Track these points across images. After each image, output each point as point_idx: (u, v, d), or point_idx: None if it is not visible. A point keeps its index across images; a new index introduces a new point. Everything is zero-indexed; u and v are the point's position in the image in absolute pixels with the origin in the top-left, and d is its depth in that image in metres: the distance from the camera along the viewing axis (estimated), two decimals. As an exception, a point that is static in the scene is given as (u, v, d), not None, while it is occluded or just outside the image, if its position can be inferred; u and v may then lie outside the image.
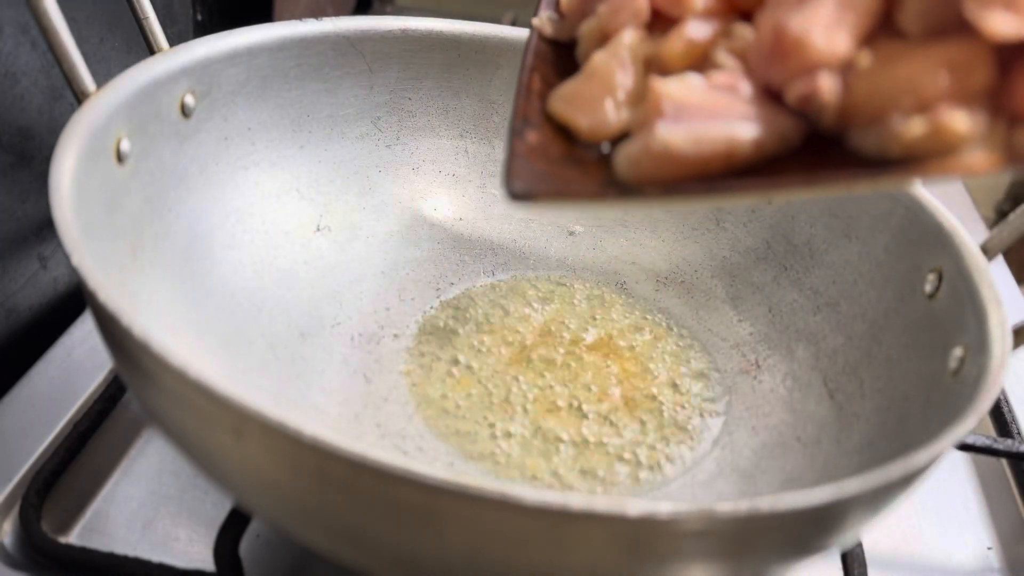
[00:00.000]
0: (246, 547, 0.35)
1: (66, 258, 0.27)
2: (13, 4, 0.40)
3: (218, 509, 0.37)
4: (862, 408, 0.36)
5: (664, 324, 0.45)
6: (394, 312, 0.43)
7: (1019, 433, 0.45)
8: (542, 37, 0.34)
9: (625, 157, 0.27)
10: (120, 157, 0.34)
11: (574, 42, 0.33)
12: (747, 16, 0.29)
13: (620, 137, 0.28)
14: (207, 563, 0.34)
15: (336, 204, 0.45)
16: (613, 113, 0.29)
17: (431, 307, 0.44)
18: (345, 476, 0.23)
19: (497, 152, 0.49)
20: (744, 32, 0.28)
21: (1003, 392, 0.47)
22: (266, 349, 0.38)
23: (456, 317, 0.44)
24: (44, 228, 0.45)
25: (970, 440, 0.41)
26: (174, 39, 0.38)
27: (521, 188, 0.26)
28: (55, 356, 0.43)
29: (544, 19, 0.34)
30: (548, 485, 0.35)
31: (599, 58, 0.30)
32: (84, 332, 0.45)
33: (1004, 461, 0.45)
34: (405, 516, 0.23)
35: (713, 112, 0.26)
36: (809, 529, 0.25)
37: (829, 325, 0.41)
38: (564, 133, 0.29)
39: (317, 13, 0.76)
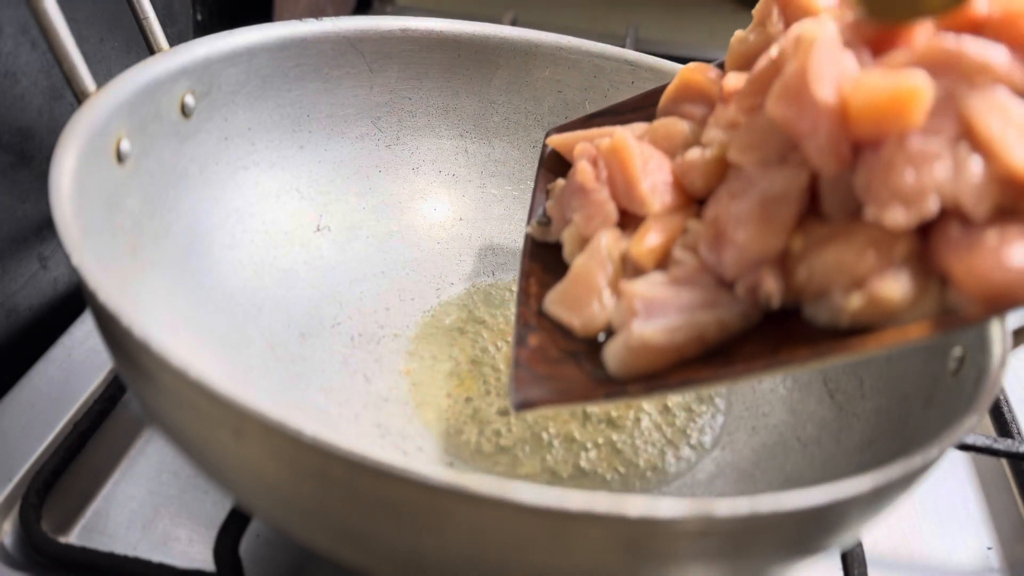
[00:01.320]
0: (246, 547, 0.35)
1: (66, 258, 0.27)
2: (13, 4, 0.40)
3: (218, 509, 0.37)
4: (862, 408, 0.36)
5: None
6: (394, 312, 0.43)
7: (1019, 433, 0.45)
8: (535, 241, 0.37)
9: (610, 354, 0.30)
10: (120, 157, 0.34)
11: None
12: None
13: (611, 328, 0.32)
14: (207, 563, 0.34)
15: (336, 204, 0.45)
16: (599, 310, 0.32)
17: (431, 307, 0.44)
18: (345, 476, 0.23)
19: (497, 152, 0.49)
20: (697, 228, 0.31)
21: (1003, 392, 0.47)
22: (266, 349, 0.38)
23: (456, 317, 0.44)
24: (44, 228, 0.45)
25: (970, 440, 0.41)
26: (174, 39, 0.38)
27: (521, 399, 0.30)
28: (55, 356, 0.43)
29: (535, 226, 0.37)
30: (547, 484, 0.35)
31: (580, 262, 0.33)
32: (84, 332, 0.45)
33: (1004, 461, 0.45)
34: (405, 516, 0.23)
35: (679, 305, 0.29)
36: (809, 529, 0.25)
37: (829, 325, 0.41)
38: (562, 329, 0.33)
39: (317, 13, 0.76)
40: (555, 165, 0.40)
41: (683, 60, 0.49)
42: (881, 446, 0.33)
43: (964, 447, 0.42)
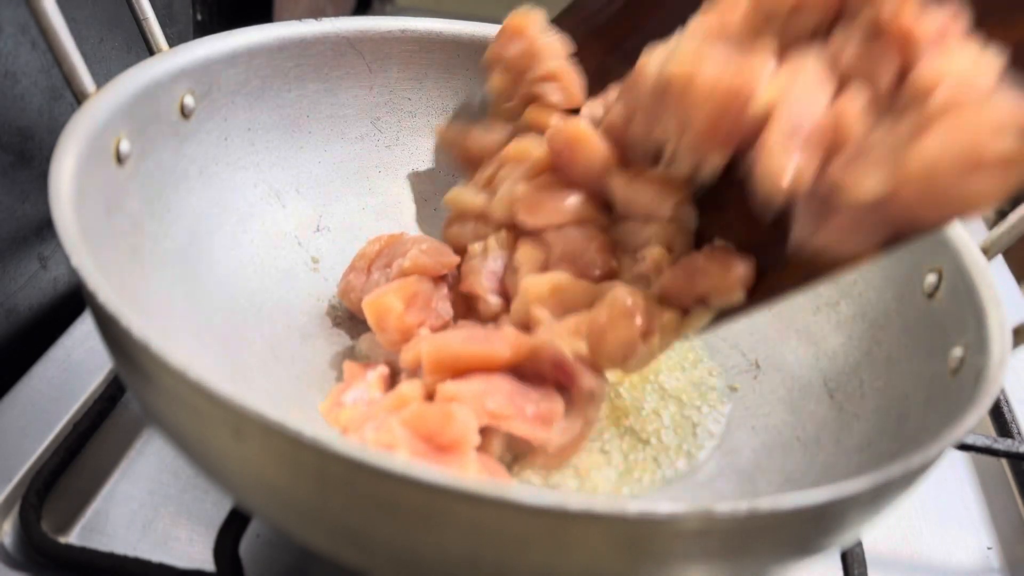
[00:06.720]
0: (246, 547, 0.35)
1: (66, 258, 0.27)
2: (13, 4, 0.40)
3: (218, 509, 0.37)
4: (862, 408, 0.36)
5: (664, 324, 0.44)
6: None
7: (1019, 433, 0.45)
8: None
9: None
10: (120, 158, 0.34)
11: None
12: None
13: None
14: (207, 563, 0.34)
15: (336, 204, 0.45)
16: None
17: (431, 307, 0.44)
18: (345, 476, 0.23)
19: (497, 152, 0.49)
20: None
21: (1003, 392, 0.47)
22: (266, 349, 0.38)
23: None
24: (44, 228, 0.45)
25: (970, 440, 0.41)
26: (174, 39, 0.38)
27: None
28: (55, 356, 0.43)
29: None
30: (548, 485, 0.35)
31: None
32: (84, 332, 0.45)
33: (1004, 461, 0.45)
34: (405, 516, 0.23)
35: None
36: (809, 529, 0.25)
37: (829, 325, 0.41)
38: None
39: (317, 13, 0.76)
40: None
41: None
42: (881, 446, 0.33)
43: (964, 447, 0.42)
